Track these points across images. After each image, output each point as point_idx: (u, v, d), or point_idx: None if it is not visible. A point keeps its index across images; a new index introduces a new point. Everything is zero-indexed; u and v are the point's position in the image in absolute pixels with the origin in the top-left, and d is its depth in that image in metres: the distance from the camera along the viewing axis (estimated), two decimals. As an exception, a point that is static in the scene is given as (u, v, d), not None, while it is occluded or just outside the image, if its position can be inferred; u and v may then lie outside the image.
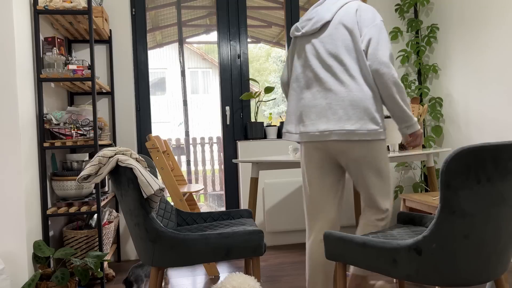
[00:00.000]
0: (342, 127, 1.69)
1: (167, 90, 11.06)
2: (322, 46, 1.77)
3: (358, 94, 1.68)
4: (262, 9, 3.63)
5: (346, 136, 1.69)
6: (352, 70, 1.70)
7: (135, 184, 1.61)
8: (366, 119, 1.68)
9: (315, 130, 1.74)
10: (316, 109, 1.74)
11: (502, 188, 1.25)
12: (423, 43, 3.45)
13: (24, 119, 2.14)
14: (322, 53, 1.76)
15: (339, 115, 1.69)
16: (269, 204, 3.27)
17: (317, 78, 1.76)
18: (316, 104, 1.74)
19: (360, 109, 1.68)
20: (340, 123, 1.69)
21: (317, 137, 1.74)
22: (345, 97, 1.69)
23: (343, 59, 1.71)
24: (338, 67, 1.72)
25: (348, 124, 1.68)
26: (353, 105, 1.68)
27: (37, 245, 2.16)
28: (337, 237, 1.54)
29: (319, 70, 1.76)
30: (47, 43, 2.41)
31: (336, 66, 1.72)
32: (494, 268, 1.31)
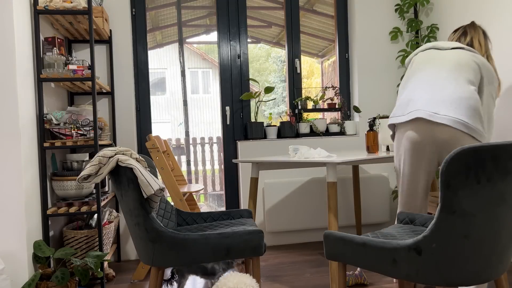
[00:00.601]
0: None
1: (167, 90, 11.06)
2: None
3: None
4: (262, 9, 3.63)
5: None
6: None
7: (135, 184, 1.61)
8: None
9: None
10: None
11: (502, 188, 1.25)
12: (423, 43, 3.45)
13: (24, 119, 2.14)
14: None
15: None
16: (269, 204, 3.27)
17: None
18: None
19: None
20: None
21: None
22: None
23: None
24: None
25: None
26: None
27: (37, 245, 2.16)
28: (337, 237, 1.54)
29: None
30: (47, 43, 2.41)
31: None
32: (494, 268, 1.31)
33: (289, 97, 3.55)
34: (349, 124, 3.51)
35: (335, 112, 3.64)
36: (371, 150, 2.56)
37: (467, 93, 1.83)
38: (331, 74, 3.86)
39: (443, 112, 1.80)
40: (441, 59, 1.96)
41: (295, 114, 3.51)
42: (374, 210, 3.45)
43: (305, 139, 3.38)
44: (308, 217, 3.33)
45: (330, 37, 3.71)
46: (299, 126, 3.45)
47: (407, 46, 3.51)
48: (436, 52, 2.02)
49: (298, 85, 3.55)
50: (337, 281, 2.09)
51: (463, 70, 1.90)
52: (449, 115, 1.79)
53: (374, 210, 3.45)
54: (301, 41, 3.56)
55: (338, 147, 3.43)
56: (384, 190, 3.46)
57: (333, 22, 3.69)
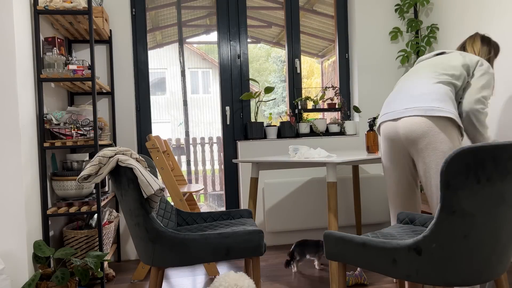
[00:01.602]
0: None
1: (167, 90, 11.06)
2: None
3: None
4: (262, 9, 3.63)
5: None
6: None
7: (135, 184, 1.61)
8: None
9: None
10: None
11: (502, 188, 1.25)
12: (423, 43, 3.45)
13: (24, 119, 2.14)
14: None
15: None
16: (269, 204, 3.27)
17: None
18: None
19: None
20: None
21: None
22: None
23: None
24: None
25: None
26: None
27: (37, 245, 2.16)
28: (337, 237, 1.54)
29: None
30: (47, 43, 2.41)
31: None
32: (494, 268, 1.31)
33: (289, 97, 3.55)
34: (349, 124, 3.51)
35: (335, 112, 3.64)
36: (371, 150, 2.56)
37: (430, 89, 1.86)
38: (331, 74, 3.86)
39: (402, 108, 1.86)
40: (419, 68, 2.03)
41: (295, 114, 3.51)
42: (374, 210, 3.45)
43: (305, 139, 3.38)
44: (308, 217, 3.33)
45: (330, 37, 3.71)
46: (299, 126, 3.45)
47: (407, 46, 3.51)
48: (422, 62, 2.09)
49: (298, 85, 3.55)
50: (337, 281, 2.09)
51: (432, 71, 1.95)
52: (407, 107, 1.85)
53: (374, 210, 3.45)
54: (301, 41, 3.56)
55: (338, 147, 3.43)
56: (384, 190, 3.46)
57: (333, 22, 3.69)
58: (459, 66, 1.93)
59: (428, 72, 1.95)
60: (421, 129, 1.79)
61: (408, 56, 3.45)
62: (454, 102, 1.86)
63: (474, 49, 2.11)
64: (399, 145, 1.92)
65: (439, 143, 1.77)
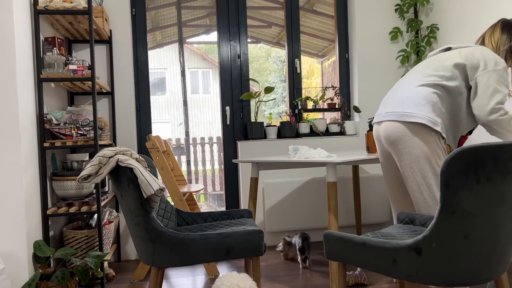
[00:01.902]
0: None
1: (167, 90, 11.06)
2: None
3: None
4: (262, 9, 3.63)
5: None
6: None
7: (135, 184, 1.61)
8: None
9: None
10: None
11: (502, 188, 1.25)
12: (423, 43, 3.45)
13: (24, 119, 2.14)
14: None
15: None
16: (269, 204, 3.27)
17: None
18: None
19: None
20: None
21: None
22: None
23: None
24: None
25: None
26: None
27: (37, 245, 2.16)
28: (337, 237, 1.54)
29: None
30: (47, 43, 2.41)
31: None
32: (494, 268, 1.31)
33: (289, 97, 3.55)
34: (349, 124, 3.51)
35: (335, 112, 3.64)
36: (371, 150, 2.56)
37: (409, 93, 1.85)
38: (331, 74, 3.86)
39: (384, 112, 1.89)
40: (416, 67, 1.99)
41: (295, 114, 3.51)
42: (374, 210, 3.45)
43: (305, 139, 3.38)
44: (308, 217, 3.33)
45: (330, 37, 3.71)
46: (299, 126, 3.45)
47: (407, 46, 3.51)
48: (424, 60, 2.03)
49: (298, 85, 3.55)
50: (337, 281, 2.09)
51: (422, 72, 1.90)
52: (387, 111, 1.87)
53: (374, 210, 3.45)
54: (301, 41, 3.56)
55: (338, 147, 3.43)
56: (384, 190, 3.46)
57: (333, 22, 3.69)
58: (451, 67, 1.86)
59: (417, 74, 1.92)
60: (395, 134, 1.82)
61: (408, 56, 3.45)
62: (435, 105, 1.81)
63: (492, 41, 1.98)
64: (383, 147, 1.98)
65: (411, 148, 1.80)
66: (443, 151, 1.81)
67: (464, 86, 1.88)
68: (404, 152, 1.82)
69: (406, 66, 3.58)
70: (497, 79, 1.81)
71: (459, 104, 1.88)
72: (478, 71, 1.83)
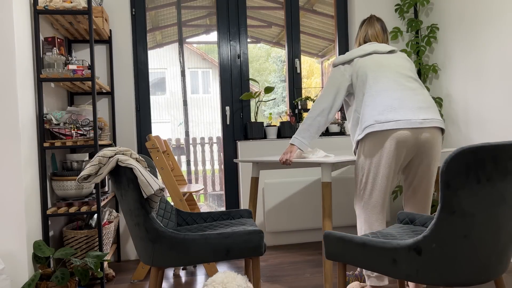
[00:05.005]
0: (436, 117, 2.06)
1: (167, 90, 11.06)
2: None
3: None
4: (262, 9, 3.63)
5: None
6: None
7: (135, 184, 1.61)
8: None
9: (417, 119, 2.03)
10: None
11: (502, 188, 1.25)
12: (423, 43, 3.45)
13: (24, 119, 2.14)
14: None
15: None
16: (269, 204, 3.27)
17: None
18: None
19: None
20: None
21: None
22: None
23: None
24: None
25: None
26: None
27: (37, 245, 2.16)
28: (337, 237, 1.54)
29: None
30: (47, 43, 2.41)
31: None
32: (494, 268, 1.31)
33: (289, 97, 3.55)
34: (349, 124, 3.50)
35: (335, 112, 3.63)
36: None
37: (429, 99, 2.08)
38: (331, 74, 3.85)
39: (420, 118, 1.98)
40: (392, 66, 2.11)
41: (295, 114, 3.51)
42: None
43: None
44: (308, 217, 3.33)
45: (330, 37, 3.71)
46: (299, 126, 3.45)
47: (407, 46, 3.51)
48: (380, 57, 2.15)
49: (298, 85, 3.55)
50: (330, 281, 2.11)
51: (413, 74, 2.14)
52: (425, 117, 2.00)
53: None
54: (301, 41, 3.56)
55: (338, 147, 3.43)
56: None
57: (333, 22, 3.69)
58: (414, 69, 2.24)
59: (408, 76, 2.11)
60: (439, 139, 2.05)
61: (408, 56, 3.45)
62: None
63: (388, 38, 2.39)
64: (406, 152, 2.02)
65: (440, 150, 2.10)
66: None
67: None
68: (436, 155, 2.06)
69: (406, 66, 3.58)
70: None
71: None
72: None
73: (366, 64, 2.11)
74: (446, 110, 3.30)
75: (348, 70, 2.17)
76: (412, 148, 2.01)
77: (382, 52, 2.16)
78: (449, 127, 3.28)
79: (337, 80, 2.16)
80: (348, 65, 2.17)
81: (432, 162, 2.06)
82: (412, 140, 1.98)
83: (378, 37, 2.25)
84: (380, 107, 2.00)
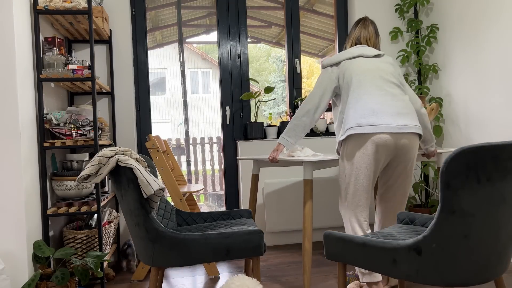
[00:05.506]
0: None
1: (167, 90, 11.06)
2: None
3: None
4: (262, 9, 3.63)
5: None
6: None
7: (135, 184, 1.61)
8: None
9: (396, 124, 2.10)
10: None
11: (502, 188, 1.25)
12: (423, 43, 3.45)
13: (24, 119, 2.14)
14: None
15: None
16: (269, 204, 3.27)
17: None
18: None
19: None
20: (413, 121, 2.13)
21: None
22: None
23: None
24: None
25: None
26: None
27: (37, 245, 2.16)
28: (337, 237, 1.54)
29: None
30: (47, 43, 2.41)
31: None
32: (494, 268, 1.31)
33: (289, 97, 3.55)
34: (349, 124, 3.50)
35: (335, 112, 3.64)
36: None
37: (409, 105, 2.16)
38: (331, 74, 3.85)
39: (399, 124, 2.07)
40: (376, 71, 2.18)
41: (295, 114, 3.51)
42: (374, 209, 3.45)
43: (305, 139, 3.38)
44: (308, 217, 3.33)
45: (330, 37, 3.71)
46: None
47: (407, 46, 3.51)
48: (366, 60, 2.21)
49: (298, 85, 3.55)
50: (309, 276, 2.14)
51: (395, 79, 2.19)
52: (412, 123, 2.10)
53: (374, 210, 3.45)
54: (301, 41, 3.56)
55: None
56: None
57: (333, 22, 3.69)
58: (398, 72, 2.30)
59: (391, 82, 2.17)
60: (415, 144, 2.15)
61: (408, 56, 3.45)
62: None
63: (379, 41, 2.40)
64: (386, 155, 2.10)
65: (415, 153, 2.20)
66: None
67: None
68: (413, 157, 2.16)
69: (406, 66, 3.58)
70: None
71: None
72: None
73: (352, 67, 2.19)
74: (446, 110, 3.30)
75: (336, 72, 2.24)
76: (391, 152, 2.10)
77: (368, 56, 2.23)
78: (449, 127, 3.28)
79: (324, 82, 2.24)
80: (336, 67, 2.24)
81: (409, 163, 2.16)
82: (391, 144, 2.07)
83: (371, 40, 2.31)
84: (362, 111, 2.07)
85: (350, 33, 2.38)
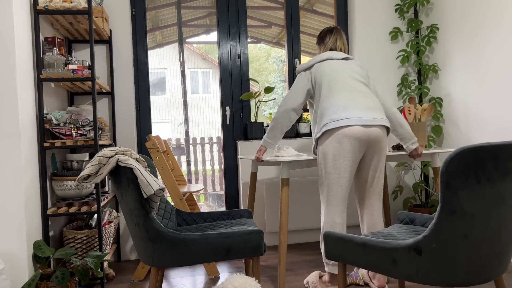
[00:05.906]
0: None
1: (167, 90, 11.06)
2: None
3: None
4: (262, 9, 3.64)
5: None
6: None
7: (135, 184, 1.61)
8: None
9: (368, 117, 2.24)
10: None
11: (502, 188, 1.25)
12: (423, 43, 3.45)
13: (24, 119, 2.14)
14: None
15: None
16: (269, 204, 3.27)
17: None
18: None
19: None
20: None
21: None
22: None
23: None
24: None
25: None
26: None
27: (37, 245, 2.16)
28: (337, 237, 1.54)
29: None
30: (47, 43, 2.41)
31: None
32: (494, 268, 1.32)
33: (289, 97, 3.54)
34: (349, 124, 3.50)
35: (335, 112, 3.63)
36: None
37: (376, 101, 2.30)
38: (331, 74, 3.85)
39: (368, 117, 2.20)
40: (345, 71, 2.34)
41: (295, 114, 3.51)
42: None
43: (305, 139, 3.38)
44: (308, 217, 3.33)
45: (330, 37, 3.71)
46: (299, 126, 3.45)
47: (407, 46, 3.51)
48: (335, 62, 2.38)
49: (298, 85, 3.55)
50: (283, 281, 2.14)
51: (363, 79, 2.35)
52: (373, 116, 2.21)
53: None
54: (301, 41, 3.56)
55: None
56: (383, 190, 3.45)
57: (333, 22, 3.69)
58: (366, 72, 2.47)
59: (359, 81, 2.33)
60: (383, 136, 2.27)
61: (408, 56, 3.45)
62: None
63: (345, 46, 2.56)
64: (360, 147, 2.21)
65: (385, 146, 2.32)
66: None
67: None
68: (383, 148, 2.29)
69: (406, 66, 3.58)
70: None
71: None
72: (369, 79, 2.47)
73: (323, 69, 2.36)
74: (446, 110, 3.30)
75: (308, 75, 2.41)
76: (364, 143, 2.21)
77: (337, 59, 2.40)
78: (449, 127, 3.28)
79: (298, 85, 2.41)
80: (308, 71, 2.42)
81: (381, 154, 2.30)
82: (363, 135, 2.19)
83: (345, 49, 2.51)
84: (334, 107, 2.22)
85: (324, 40, 2.52)
